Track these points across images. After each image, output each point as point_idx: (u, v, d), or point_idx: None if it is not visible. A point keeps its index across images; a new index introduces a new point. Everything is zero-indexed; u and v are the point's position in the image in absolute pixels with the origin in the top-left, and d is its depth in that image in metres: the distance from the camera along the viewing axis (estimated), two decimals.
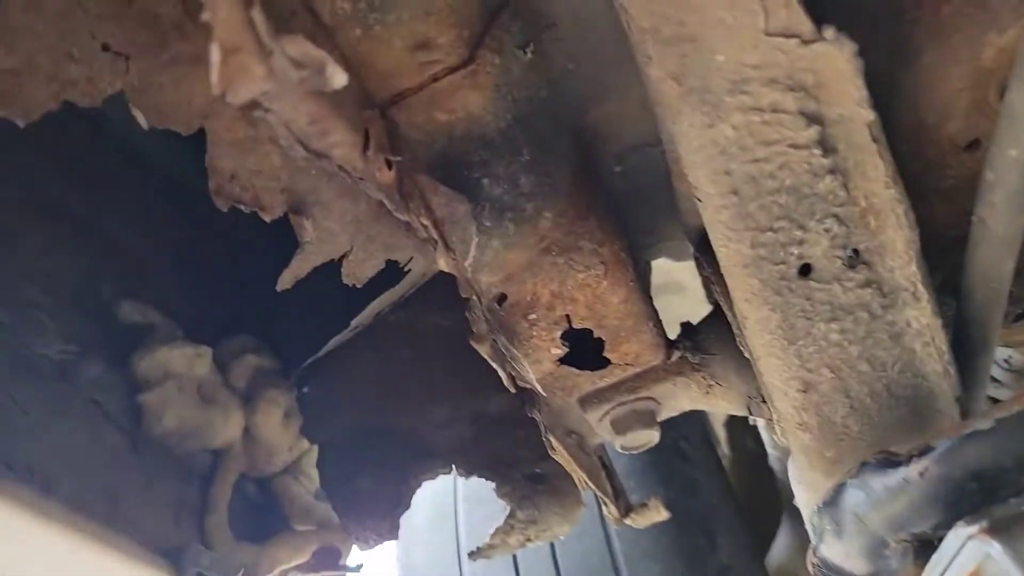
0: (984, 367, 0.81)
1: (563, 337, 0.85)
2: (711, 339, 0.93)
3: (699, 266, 1.00)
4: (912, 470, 0.67)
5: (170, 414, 1.01)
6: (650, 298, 0.89)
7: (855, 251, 0.72)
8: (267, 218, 0.76)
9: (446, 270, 0.73)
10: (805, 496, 0.95)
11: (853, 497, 0.72)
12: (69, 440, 0.91)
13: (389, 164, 0.67)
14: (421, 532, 1.69)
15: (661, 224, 1.06)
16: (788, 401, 0.79)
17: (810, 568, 0.80)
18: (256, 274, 1.19)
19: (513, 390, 0.82)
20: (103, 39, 0.68)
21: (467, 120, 0.73)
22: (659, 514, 1.06)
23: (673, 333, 0.98)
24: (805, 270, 0.72)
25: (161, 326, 1.09)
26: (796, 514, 1.62)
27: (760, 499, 1.85)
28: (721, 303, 0.88)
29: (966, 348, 0.78)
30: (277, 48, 0.43)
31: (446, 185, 0.70)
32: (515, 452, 1.16)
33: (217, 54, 0.41)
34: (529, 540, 1.11)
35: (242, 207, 0.75)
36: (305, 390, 1.27)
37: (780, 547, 1.69)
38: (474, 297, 0.77)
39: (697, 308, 1.10)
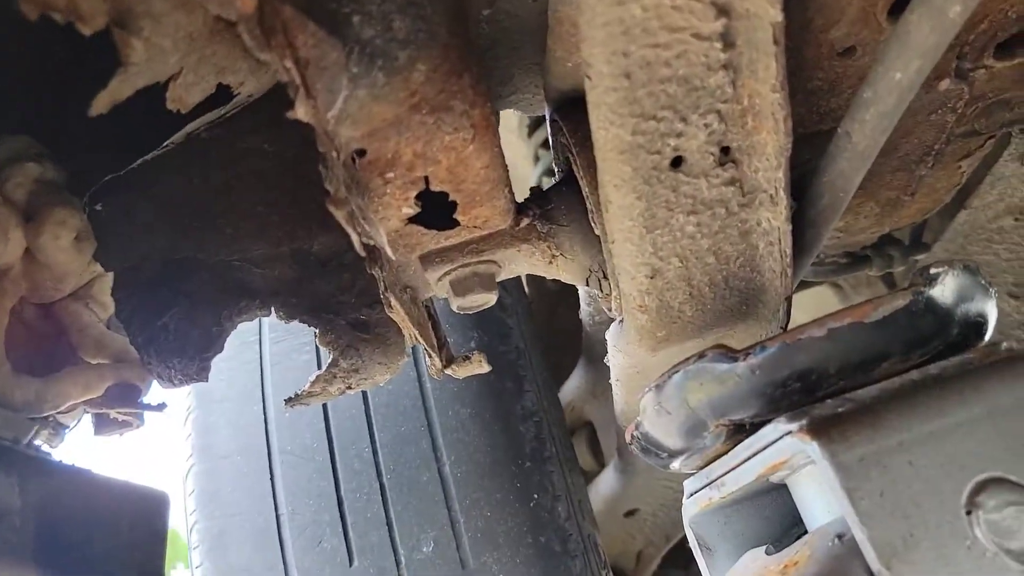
0: (803, 267, 0.86)
1: (417, 197, 0.80)
2: (562, 210, 0.91)
3: (554, 130, 0.97)
4: (745, 365, 0.71)
5: None
6: (505, 161, 0.85)
7: (726, 149, 0.72)
8: (86, 31, 0.61)
9: (304, 119, 0.64)
10: (624, 362, 1.00)
11: (685, 382, 0.76)
12: None
13: None
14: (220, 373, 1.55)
15: (519, 77, 1.01)
16: (634, 284, 0.81)
17: (628, 438, 0.85)
18: (33, 64, 0.99)
19: (363, 253, 0.76)
20: None
21: None
22: (481, 366, 1.07)
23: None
24: (677, 162, 0.72)
25: None
26: (592, 361, 1.72)
27: (555, 337, 1.95)
28: (578, 176, 0.86)
29: (796, 246, 0.83)
30: None
31: (314, 19, 0.60)
32: (339, 297, 1.10)
33: None
34: (350, 389, 1.08)
35: (55, 16, 0.59)
36: (99, 207, 1.11)
37: (572, 386, 1.81)
38: (332, 153, 0.69)
39: None
